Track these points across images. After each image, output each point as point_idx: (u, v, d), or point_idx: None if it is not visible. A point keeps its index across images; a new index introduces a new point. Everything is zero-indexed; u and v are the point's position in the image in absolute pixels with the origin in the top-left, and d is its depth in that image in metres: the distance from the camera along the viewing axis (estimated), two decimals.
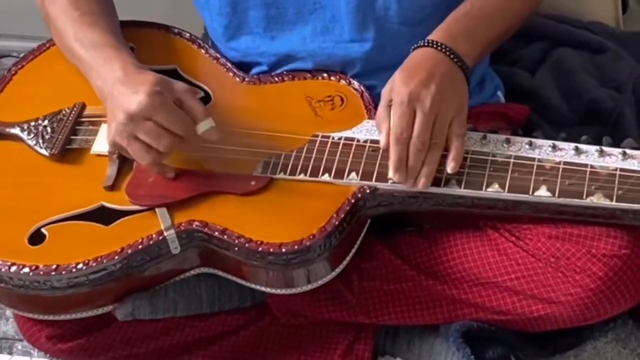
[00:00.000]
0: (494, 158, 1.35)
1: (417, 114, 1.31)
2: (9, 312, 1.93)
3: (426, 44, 1.37)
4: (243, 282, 1.38)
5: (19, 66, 1.56)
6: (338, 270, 1.37)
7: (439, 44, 1.36)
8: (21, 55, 1.58)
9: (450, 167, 1.32)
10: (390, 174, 1.33)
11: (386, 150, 1.33)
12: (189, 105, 1.34)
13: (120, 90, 1.33)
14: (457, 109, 1.34)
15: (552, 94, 1.72)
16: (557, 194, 1.31)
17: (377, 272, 1.42)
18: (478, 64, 1.46)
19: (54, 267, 1.32)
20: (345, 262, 1.38)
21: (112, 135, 1.33)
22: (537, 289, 1.35)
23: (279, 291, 1.37)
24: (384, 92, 1.35)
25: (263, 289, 1.38)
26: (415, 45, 1.38)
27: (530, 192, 1.31)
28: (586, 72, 1.75)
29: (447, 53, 1.36)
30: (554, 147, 1.35)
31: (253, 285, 1.38)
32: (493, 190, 1.32)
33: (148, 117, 1.30)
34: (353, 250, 1.38)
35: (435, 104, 1.31)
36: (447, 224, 1.42)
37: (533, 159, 1.34)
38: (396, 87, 1.33)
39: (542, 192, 1.31)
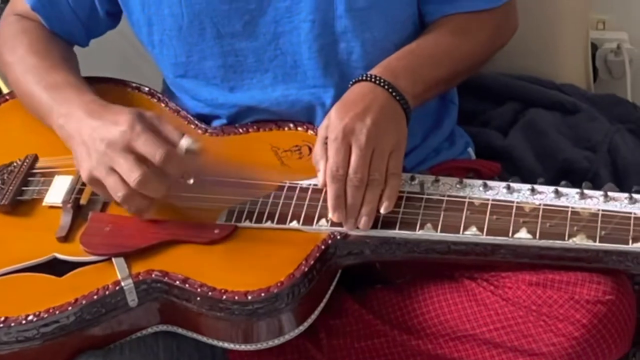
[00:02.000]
0: (470, 200, 1.29)
1: (352, 148, 1.26)
2: None
3: (365, 78, 1.33)
4: (204, 339, 1.29)
5: None
6: (306, 324, 1.29)
7: (378, 78, 1.32)
8: None
9: (383, 207, 1.26)
10: (329, 213, 1.26)
11: (324, 189, 1.28)
12: (165, 132, 1.28)
13: (92, 124, 1.29)
14: (394, 144, 1.28)
15: (526, 153, 1.67)
16: (538, 236, 1.24)
17: (347, 329, 1.34)
18: (426, 105, 1.42)
19: (2, 319, 1.23)
20: (313, 316, 1.30)
21: (90, 167, 1.27)
22: (518, 340, 1.27)
23: (242, 347, 1.28)
24: (320, 129, 1.30)
25: (225, 345, 1.29)
26: (353, 80, 1.34)
27: (510, 235, 1.25)
28: (559, 132, 1.71)
29: (386, 87, 1.31)
30: (532, 190, 1.29)
31: (215, 342, 1.29)
32: (471, 234, 1.26)
33: (129, 146, 1.25)
34: (322, 304, 1.30)
35: (371, 138, 1.26)
36: (420, 276, 1.35)
37: (512, 202, 1.28)
38: (331, 123, 1.28)
39: (523, 235, 1.25)
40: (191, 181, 1.28)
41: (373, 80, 1.31)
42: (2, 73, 1.51)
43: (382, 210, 1.26)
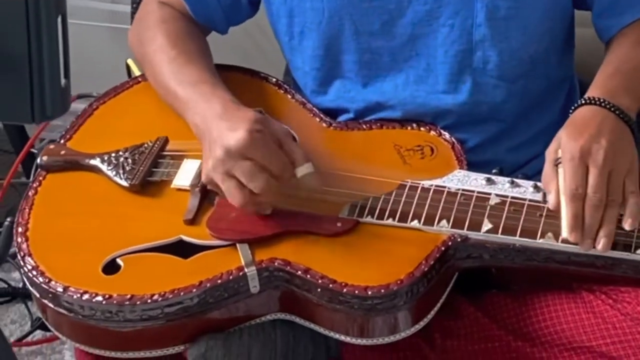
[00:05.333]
0: None
1: (590, 169, 1.25)
2: (67, 356, 1.89)
3: (588, 101, 1.32)
4: (321, 330, 1.31)
5: (101, 101, 1.55)
6: (422, 323, 1.30)
7: (602, 100, 1.31)
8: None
9: (628, 224, 1.25)
10: (565, 233, 1.25)
11: (556, 210, 1.27)
12: (288, 148, 1.30)
13: (219, 126, 1.31)
14: (629, 165, 1.27)
15: None
16: None
17: (461, 331, 1.34)
18: None
19: (128, 297, 1.26)
20: (429, 316, 1.31)
21: (207, 170, 1.30)
22: (635, 356, 1.26)
23: (357, 341, 1.30)
24: (549, 152, 1.30)
25: (341, 337, 1.30)
26: (576, 105, 1.33)
27: (633, 250, 1.24)
28: None
29: (612, 109, 1.30)
30: None
31: (332, 334, 1.31)
32: None
33: (246, 154, 1.27)
34: (438, 304, 1.31)
35: (608, 158, 1.25)
36: (536, 284, 1.35)
37: None
38: (565, 144, 1.27)
39: None
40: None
41: (597, 102, 1.31)
42: (139, 58, 1.54)
43: (627, 228, 1.25)
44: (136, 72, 1.68)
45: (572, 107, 1.33)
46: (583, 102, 1.32)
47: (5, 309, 2.01)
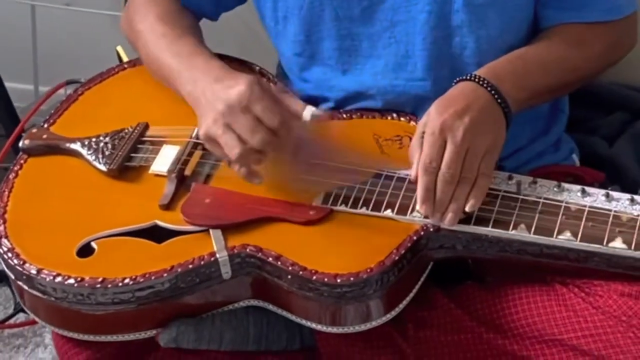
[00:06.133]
0: (567, 205, 1.28)
1: (447, 144, 1.26)
2: (47, 339, 1.90)
3: (469, 77, 1.33)
4: (293, 318, 1.32)
5: (86, 87, 1.56)
6: (394, 313, 1.30)
7: (482, 79, 1.32)
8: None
9: (469, 205, 1.27)
10: (417, 205, 1.28)
11: (415, 182, 1.29)
12: (287, 102, 1.32)
13: (216, 88, 1.32)
14: (489, 146, 1.28)
15: (631, 164, 1.65)
16: (633, 247, 1.23)
17: (434, 322, 1.35)
18: (530, 111, 1.42)
19: (100, 280, 1.27)
20: (401, 305, 1.31)
21: (207, 126, 1.30)
22: (606, 350, 1.26)
23: (329, 329, 1.30)
24: (420, 124, 1.32)
25: (313, 325, 1.31)
26: (457, 79, 1.34)
27: (605, 243, 1.24)
28: None
29: (489, 89, 1.31)
30: (632, 200, 1.29)
31: (303, 321, 1.31)
32: (564, 238, 1.26)
33: (247, 107, 1.28)
34: (411, 294, 1.32)
35: (467, 136, 1.26)
36: (510, 277, 1.35)
37: (609, 210, 1.27)
38: (430, 118, 1.29)
39: (617, 244, 1.24)
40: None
41: (477, 80, 1.32)
42: (131, 40, 1.54)
43: (467, 209, 1.27)
44: (125, 59, 1.69)
45: (454, 81, 1.34)
46: (464, 77, 1.33)
47: None
